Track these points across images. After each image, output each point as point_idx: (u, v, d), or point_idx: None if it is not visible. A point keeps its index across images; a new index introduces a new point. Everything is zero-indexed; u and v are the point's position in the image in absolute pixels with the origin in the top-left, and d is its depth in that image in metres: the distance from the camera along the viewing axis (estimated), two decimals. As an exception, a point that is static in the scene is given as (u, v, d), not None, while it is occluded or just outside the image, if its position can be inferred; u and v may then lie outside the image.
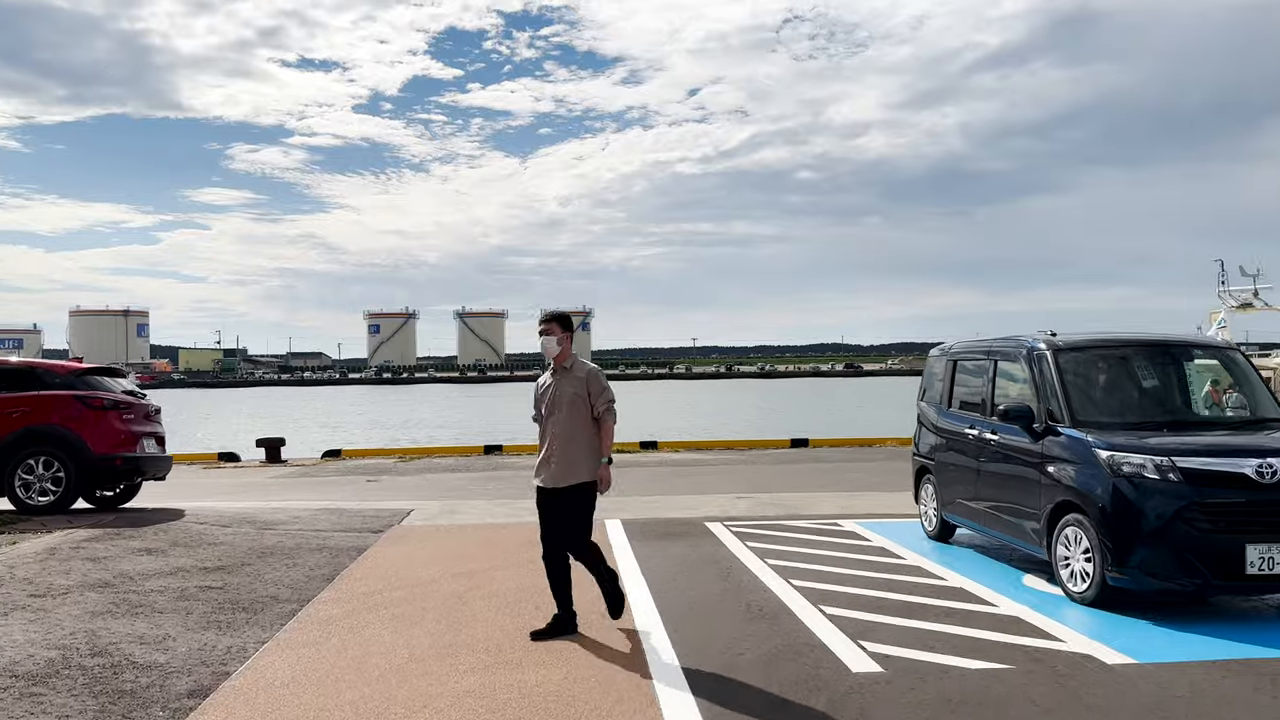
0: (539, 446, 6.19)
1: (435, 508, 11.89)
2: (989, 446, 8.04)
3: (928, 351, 10.29)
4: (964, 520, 8.64)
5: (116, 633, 5.89)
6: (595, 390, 6.04)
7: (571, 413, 6.00)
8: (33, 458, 10.23)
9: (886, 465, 16.42)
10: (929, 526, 9.33)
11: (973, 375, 8.77)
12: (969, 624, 6.21)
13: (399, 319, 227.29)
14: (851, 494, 12.58)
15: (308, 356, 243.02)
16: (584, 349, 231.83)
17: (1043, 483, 7.20)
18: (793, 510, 11.18)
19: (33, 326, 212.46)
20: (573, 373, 6.09)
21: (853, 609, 6.55)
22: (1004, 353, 8.23)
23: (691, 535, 9.63)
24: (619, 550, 8.88)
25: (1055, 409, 7.27)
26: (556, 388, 6.08)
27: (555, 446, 6.02)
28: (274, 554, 8.60)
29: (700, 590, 7.24)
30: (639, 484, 14.30)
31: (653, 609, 6.71)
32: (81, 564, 7.63)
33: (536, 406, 6.25)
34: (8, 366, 10.79)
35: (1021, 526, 7.55)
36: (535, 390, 6.28)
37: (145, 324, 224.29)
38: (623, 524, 10.34)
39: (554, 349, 6.10)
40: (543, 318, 6.15)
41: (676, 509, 11.39)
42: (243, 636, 6.02)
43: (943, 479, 8.99)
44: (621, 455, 19.52)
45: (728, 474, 15.60)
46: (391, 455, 21.09)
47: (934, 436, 9.26)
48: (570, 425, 5.99)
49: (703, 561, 8.29)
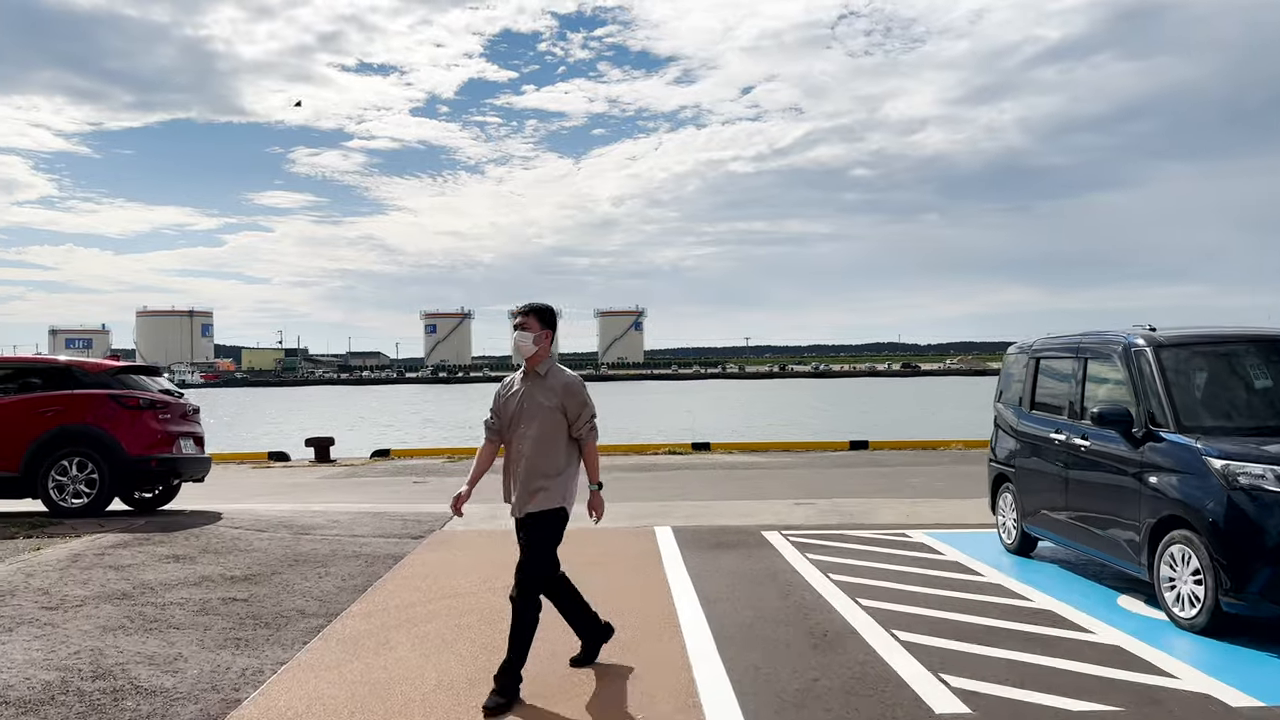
0: (504, 459, 5.17)
1: (480, 511, 11.38)
2: (1079, 453, 7.29)
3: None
4: (1048, 533, 7.89)
5: (125, 652, 5.46)
6: (573, 407, 5.03)
7: (543, 427, 4.99)
8: (66, 459, 9.95)
9: (952, 470, 15.58)
10: (1008, 539, 8.57)
11: (1058, 374, 8.00)
12: (1064, 654, 5.50)
13: (455, 319, 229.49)
14: (917, 501, 11.82)
15: (366, 356, 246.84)
16: (636, 349, 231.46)
17: (1143, 494, 6.44)
18: (855, 518, 10.48)
19: (101, 327, 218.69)
20: (547, 381, 5.06)
21: (930, 635, 5.87)
22: (1095, 349, 7.46)
23: (747, 545, 8.99)
24: (669, 561, 8.28)
25: (1157, 412, 6.50)
26: (527, 395, 5.05)
27: (520, 467, 5.03)
28: (306, 562, 8.16)
29: (757, 609, 6.61)
30: (691, 488, 13.69)
31: (705, 630, 6.11)
32: (103, 573, 7.25)
33: (496, 414, 5.18)
34: (41, 364, 10.55)
35: (1116, 542, 6.80)
36: (498, 394, 5.19)
37: (209, 324, 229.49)
38: (673, 531, 9.75)
39: (529, 347, 5.06)
40: (519, 309, 5.12)
41: (730, 515, 10.76)
42: (260, 656, 5.55)
43: (1024, 488, 8.23)
44: (673, 458, 18.93)
45: (784, 478, 14.91)
46: (441, 455, 20.74)
47: (1014, 441, 8.50)
48: (539, 442, 4.99)
49: (760, 575, 7.65)
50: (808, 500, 11.92)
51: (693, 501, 12.04)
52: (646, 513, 10.97)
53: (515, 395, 5.10)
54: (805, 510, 11.09)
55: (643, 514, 10.87)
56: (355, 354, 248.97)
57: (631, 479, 15.10)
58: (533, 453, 4.98)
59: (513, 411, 5.08)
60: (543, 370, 5.07)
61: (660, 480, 14.83)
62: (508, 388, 5.18)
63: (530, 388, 5.07)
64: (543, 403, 4.99)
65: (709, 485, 14.07)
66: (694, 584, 7.37)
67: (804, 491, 12.89)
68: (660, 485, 14.12)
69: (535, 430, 4.98)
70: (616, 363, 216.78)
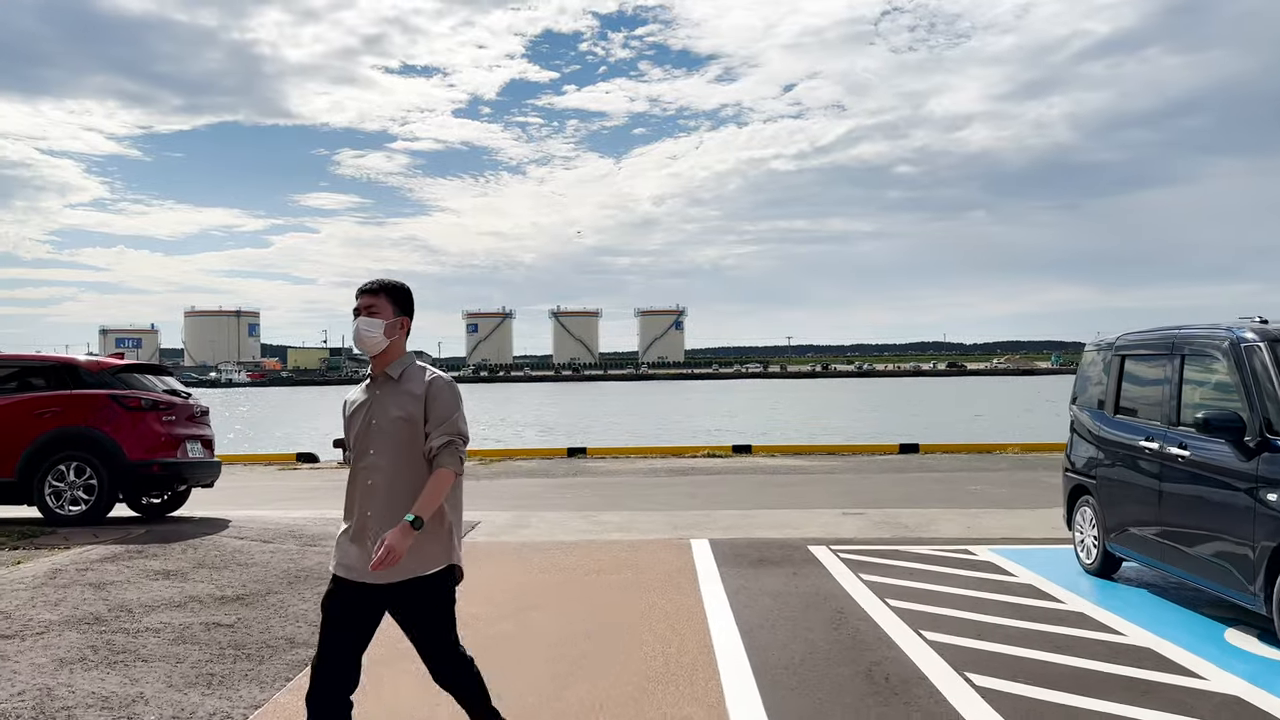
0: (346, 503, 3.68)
1: (503, 519, 10.68)
2: (1176, 464, 6.34)
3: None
4: (1135, 554, 6.94)
5: (78, 691, 4.76)
6: (437, 414, 3.54)
7: (400, 451, 3.53)
8: (64, 463, 9.36)
9: (1011, 476, 14.57)
10: (1087, 559, 7.63)
11: (1147, 374, 7.05)
12: (1175, 707, 4.60)
13: (496, 319, 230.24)
14: (977, 512, 10.87)
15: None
16: (676, 348, 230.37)
17: (1259, 512, 5.49)
18: (911, 532, 9.57)
19: (150, 326, 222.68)
20: (403, 385, 3.59)
21: (1011, 678, 4.99)
22: (1194, 346, 6.50)
23: (792, 562, 8.14)
24: (705, 579, 7.46)
25: (1275, 418, 5.55)
26: (375, 408, 3.60)
27: (371, 506, 3.54)
28: (308, 579, 7.46)
29: (806, 642, 5.77)
30: (731, 494, 12.84)
31: (745, 667, 5.28)
32: (80, 592, 6.59)
33: (346, 435, 3.75)
34: (38, 362, 9.96)
35: (1222, 566, 5.85)
36: (344, 410, 3.78)
37: (256, 324, 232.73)
38: (711, 545, 8.92)
39: (376, 340, 3.60)
40: (365, 286, 3.68)
41: (774, 527, 9.90)
42: (233, 697, 4.82)
43: (1107, 501, 7.28)
44: (712, 461, 18.02)
45: (830, 484, 13.99)
46: (472, 457, 20.10)
47: (1095, 449, 7.55)
48: (397, 473, 3.53)
49: (808, 600, 6.80)
50: (857, 510, 11.02)
51: (733, 510, 11.19)
52: (683, 523, 10.15)
53: (361, 408, 3.65)
54: (856, 521, 10.20)
55: (679, 524, 10.05)
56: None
57: (668, 484, 14.28)
58: (389, 488, 3.52)
59: (357, 431, 3.63)
60: (396, 371, 3.63)
61: (698, 485, 14.00)
62: (351, 403, 3.73)
63: (380, 395, 3.61)
64: (397, 416, 3.54)
65: (750, 491, 13.20)
66: (733, 608, 6.55)
67: (853, 500, 11.99)
68: (699, 491, 13.29)
69: (389, 456, 3.53)
70: (657, 362, 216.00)
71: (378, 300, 3.64)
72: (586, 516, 10.67)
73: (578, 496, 12.92)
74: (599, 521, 10.27)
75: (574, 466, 17.67)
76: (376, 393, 3.63)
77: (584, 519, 10.51)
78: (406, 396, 3.57)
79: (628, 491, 13.40)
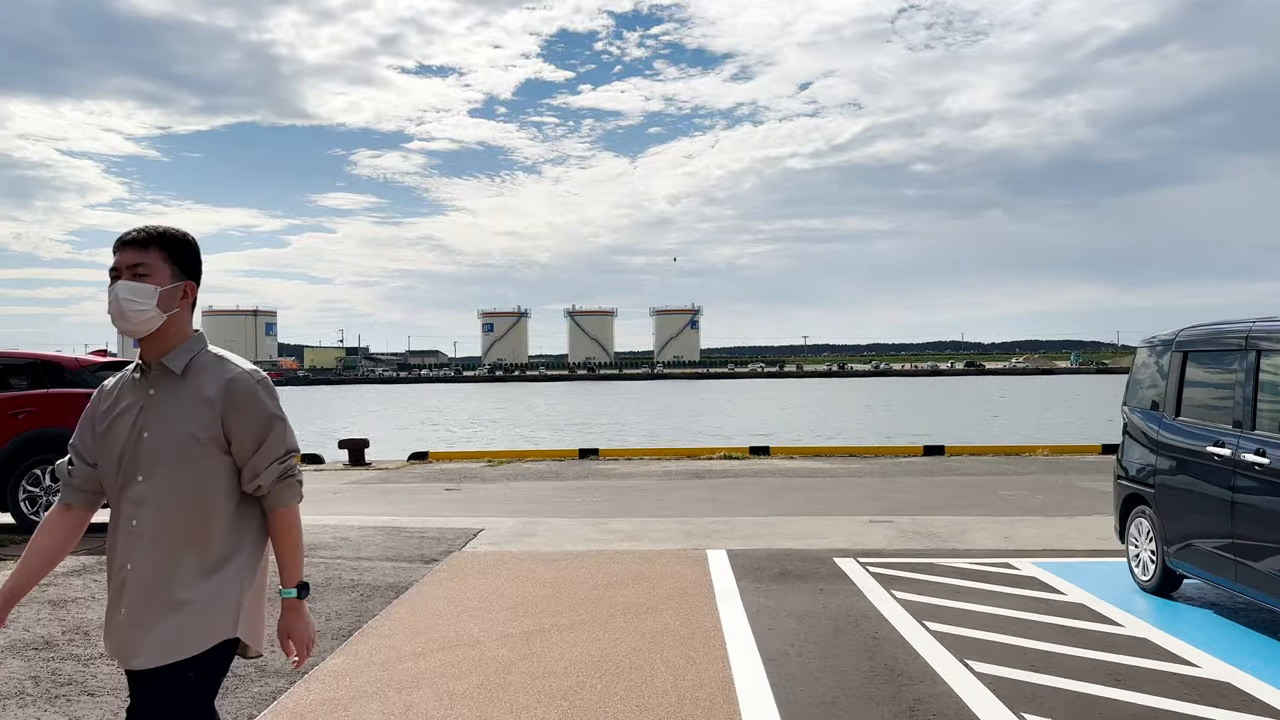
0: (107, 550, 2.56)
1: (509, 526, 10.07)
2: (1252, 472, 5.66)
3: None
4: (1200, 570, 6.25)
5: (7, 733, 4.18)
6: (252, 430, 2.50)
7: (180, 477, 2.45)
8: (39, 467, 8.82)
9: (1044, 480, 13.85)
10: (1143, 575, 6.94)
11: (1216, 373, 6.36)
12: (1274, 762, 3.94)
13: (511, 318, 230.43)
14: (1012, 519, 10.18)
15: (425, 355, 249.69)
16: (692, 348, 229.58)
17: (1356, 531, 4.81)
18: (945, 542, 8.89)
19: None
20: (189, 382, 2.50)
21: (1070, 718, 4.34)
22: (1274, 340, 5.82)
23: (818, 576, 7.49)
24: (723, 597, 6.82)
25: (1375, 421, 4.87)
26: (147, 414, 2.49)
27: (132, 558, 2.45)
28: (291, 594, 6.86)
29: (837, 674, 5.12)
30: (749, 500, 12.18)
31: (769, 703, 4.65)
32: (36, 610, 6.02)
33: (80, 453, 2.57)
34: (14, 360, 9.42)
35: (1308, 590, 5.17)
36: (90, 409, 2.62)
37: (273, 323, 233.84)
38: (729, 556, 8.27)
39: (144, 312, 2.47)
40: (126, 235, 2.54)
41: (796, 536, 9.25)
42: (185, 740, 4.21)
43: (1168, 512, 6.59)
44: (729, 463, 17.34)
45: (854, 489, 13.31)
46: (481, 459, 19.51)
47: (1153, 455, 6.86)
48: (174, 509, 2.44)
49: (837, 622, 6.15)
50: (885, 517, 10.35)
51: (751, 517, 10.54)
52: (699, 531, 9.51)
53: (122, 414, 2.52)
54: (884, 530, 9.53)
55: (694, 532, 9.41)
56: (414, 353, 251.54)
57: (683, 487, 13.64)
58: (159, 530, 2.44)
59: (120, 447, 2.49)
60: (178, 363, 2.51)
61: (715, 490, 13.35)
62: (107, 397, 2.59)
63: (154, 399, 2.50)
64: (185, 434, 2.45)
65: (769, 497, 12.54)
66: (754, 632, 5.91)
67: (879, 506, 11.31)
68: (715, 496, 12.64)
69: (166, 488, 2.44)
70: (672, 361, 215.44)
71: (147, 257, 2.49)
72: (596, 524, 10.05)
73: (588, 501, 12.30)
74: (609, 530, 9.65)
75: (585, 469, 17.05)
76: (150, 392, 2.49)
77: (593, 526, 9.89)
78: (196, 403, 2.46)
79: (640, 496, 12.78)
